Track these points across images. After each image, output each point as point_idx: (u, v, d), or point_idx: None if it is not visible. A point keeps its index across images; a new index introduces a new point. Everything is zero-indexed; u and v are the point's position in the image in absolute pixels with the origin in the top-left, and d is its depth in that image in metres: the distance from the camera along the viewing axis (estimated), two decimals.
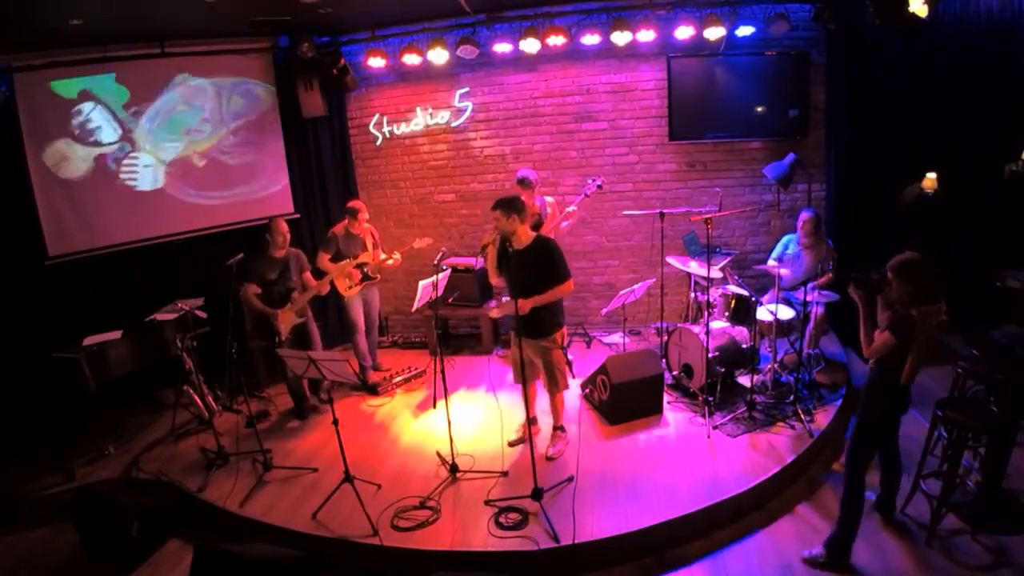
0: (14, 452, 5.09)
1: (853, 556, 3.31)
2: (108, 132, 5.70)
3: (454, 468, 4.19)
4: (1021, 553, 3.31)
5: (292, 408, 5.31)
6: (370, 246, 5.56)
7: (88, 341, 4.87)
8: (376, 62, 6.08)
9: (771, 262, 5.35)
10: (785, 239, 5.43)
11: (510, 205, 3.93)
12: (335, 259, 5.38)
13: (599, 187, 5.45)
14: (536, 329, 4.05)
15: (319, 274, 5.29)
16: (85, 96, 5.54)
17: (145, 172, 5.90)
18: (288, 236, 5.07)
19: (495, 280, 4.30)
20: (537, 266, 3.96)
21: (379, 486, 4.13)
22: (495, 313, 4.51)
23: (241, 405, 5.12)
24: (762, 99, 5.87)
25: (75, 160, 5.60)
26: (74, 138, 5.56)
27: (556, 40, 5.61)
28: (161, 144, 5.92)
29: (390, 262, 5.50)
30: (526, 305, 3.88)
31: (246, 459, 4.50)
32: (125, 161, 5.81)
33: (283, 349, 4.24)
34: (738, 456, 4.16)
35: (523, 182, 5.38)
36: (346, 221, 5.46)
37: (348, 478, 3.90)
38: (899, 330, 3.03)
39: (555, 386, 4.26)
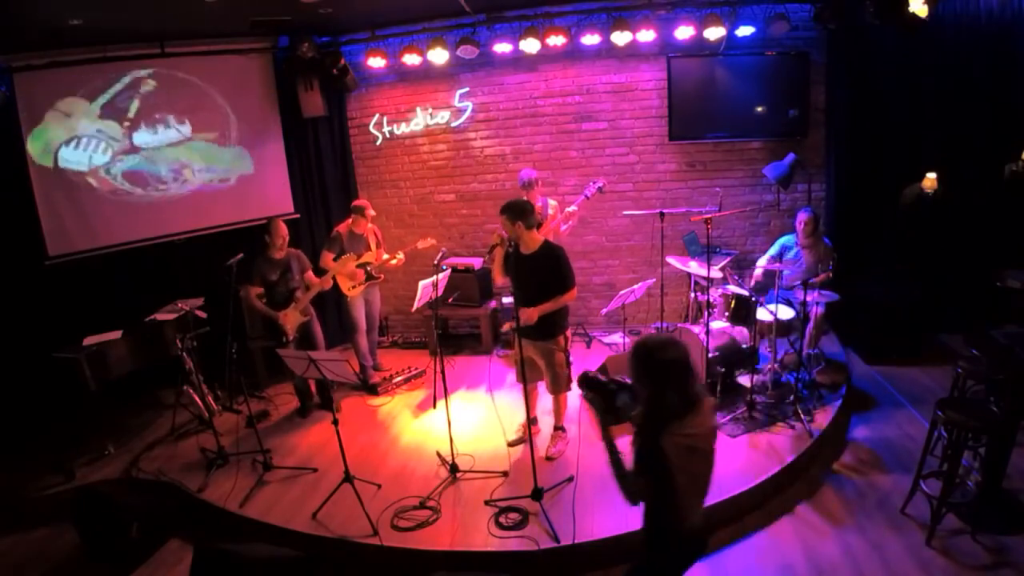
0: (14, 452, 5.09)
1: (853, 556, 3.31)
2: (108, 130, 5.69)
3: (454, 468, 4.19)
4: (1021, 553, 3.30)
5: (298, 408, 5.32)
6: (373, 246, 5.55)
7: (88, 341, 4.86)
8: (376, 62, 6.08)
9: (762, 262, 5.34)
10: (783, 239, 5.42)
11: (515, 212, 3.88)
12: (338, 259, 5.36)
13: (600, 189, 5.41)
14: (540, 331, 4.05)
15: (322, 273, 5.27)
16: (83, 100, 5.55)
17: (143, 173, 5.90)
18: (287, 237, 5.04)
19: (500, 280, 4.28)
20: (544, 273, 3.95)
21: (379, 486, 4.12)
22: (508, 327, 4.48)
23: (241, 405, 5.12)
24: (762, 99, 5.86)
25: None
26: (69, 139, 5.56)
27: (556, 40, 5.61)
28: (161, 144, 5.91)
29: (393, 262, 5.50)
30: (533, 314, 3.88)
31: (246, 459, 4.50)
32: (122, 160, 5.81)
33: (284, 349, 4.24)
34: (738, 456, 4.16)
35: (527, 185, 5.27)
36: (350, 220, 5.45)
37: (348, 478, 3.90)
38: (648, 467, 2.15)
39: (558, 387, 4.26)
